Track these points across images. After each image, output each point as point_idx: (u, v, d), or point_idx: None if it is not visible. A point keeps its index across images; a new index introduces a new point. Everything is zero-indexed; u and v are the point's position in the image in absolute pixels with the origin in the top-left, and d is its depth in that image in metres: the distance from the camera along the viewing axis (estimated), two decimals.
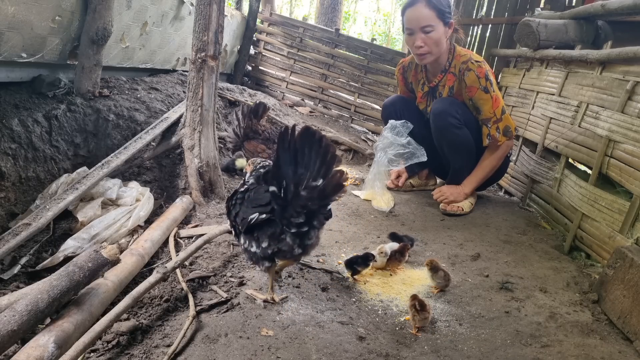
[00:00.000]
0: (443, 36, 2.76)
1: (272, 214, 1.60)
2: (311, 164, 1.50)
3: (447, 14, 2.75)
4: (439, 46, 2.77)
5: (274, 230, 1.61)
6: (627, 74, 2.35)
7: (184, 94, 3.50)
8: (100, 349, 1.59)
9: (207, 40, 2.73)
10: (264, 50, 5.54)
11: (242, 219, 1.66)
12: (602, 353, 1.60)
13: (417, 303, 1.66)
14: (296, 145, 1.50)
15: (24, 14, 2.44)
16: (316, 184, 1.50)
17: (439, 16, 2.71)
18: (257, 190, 1.70)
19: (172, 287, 1.90)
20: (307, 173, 1.51)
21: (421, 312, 1.64)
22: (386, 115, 3.22)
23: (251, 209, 1.64)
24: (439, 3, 2.71)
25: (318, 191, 1.50)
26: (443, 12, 2.72)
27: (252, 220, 1.61)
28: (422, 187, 3.43)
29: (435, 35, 2.73)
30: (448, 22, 2.75)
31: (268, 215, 1.60)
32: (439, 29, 2.73)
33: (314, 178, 1.50)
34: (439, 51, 2.80)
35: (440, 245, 2.44)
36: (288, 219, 1.58)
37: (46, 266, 2.20)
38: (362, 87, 5.22)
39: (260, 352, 1.47)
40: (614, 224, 2.17)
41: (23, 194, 2.50)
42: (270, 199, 1.60)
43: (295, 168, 1.51)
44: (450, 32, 2.79)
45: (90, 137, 2.92)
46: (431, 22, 2.71)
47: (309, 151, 1.50)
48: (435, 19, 2.70)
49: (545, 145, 3.03)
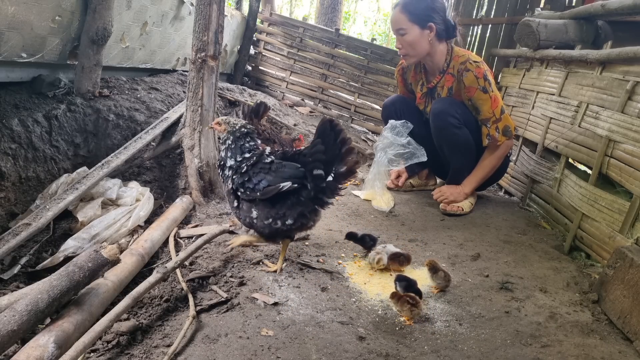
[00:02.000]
0: (419, 38, 2.80)
1: (302, 189, 1.85)
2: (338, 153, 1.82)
3: (425, 17, 2.76)
4: (415, 48, 2.83)
5: (302, 210, 1.87)
6: (627, 74, 2.35)
7: (184, 94, 3.50)
8: (100, 349, 1.59)
9: (207, 40, 2.73)
10: (264, 50, 5.54)
11: (266, 187, 1.84)
12: (602, 353, 1.60)
13: (409, 299, 1.73)
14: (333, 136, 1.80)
15: (24, 14, 2.44)
16: (341, 170, 1.83)
17: (412, 19, 2.77)
18: (285, 166, 1.88)
19: (172, 287, 1.90)
20: (336, 161, 1.83)
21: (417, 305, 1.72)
22: (386, 115, 3.22)
23: (281, 179, 1.84)
24: (413, 7, 2.77)
25: (341, 175, 1.84)
26: (417, 15, 2.76)
27: (283, 188, 1.82)
28: (422, 187, 3.43)
29: (408, 38, 2.80)
30: (426, 25, 2.77)
31: (298, 186, 1.84)
32: (412, 32, 2.78)
33: (339, 165, 1.83)
34: (417, 53, 2.86)
35: (440, 245, 2.44)
36: (321, 199, 1.88)
37: (46, 266, 2.20)
38: (362, 87, 5.22)
39: (260, 352, 1.47)
40: (614, 224, 2.17)
41: (23, 194, 2.50)
42: (304, 175, 1.85)
43: (336, 156, 1.82)
44: (433, 35, 2.79)
45: (90, 137, 2.92)
46: (403, 26, 2.79)
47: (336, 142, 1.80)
48: (407, 22, 2.77)
49: (545, 145, 3.03)
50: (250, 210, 1.91)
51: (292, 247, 2.23)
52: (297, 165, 1.86)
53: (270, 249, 2.19)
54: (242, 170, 1.92)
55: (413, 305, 1.72)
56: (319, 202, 1.89)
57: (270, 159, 1.92)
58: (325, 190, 1.85)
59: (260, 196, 1.86)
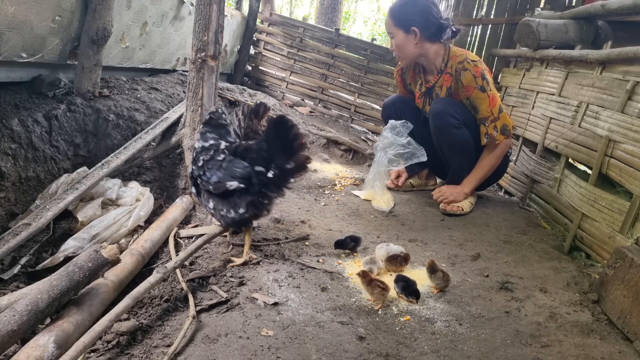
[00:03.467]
0: (405, 42, 2.85)
1: (249, 186, 1.94)
2: (286, 149, 1.89)
3: (407, 21, 2.79)
4: (402, 51, 2.90)
5: (252, 199, 1.96)
6: (627, 74, 2.35)
7: (184, 94, 3.50)
8: (100, 349, 1.59)
9: (207, 40, 2.73)
10: (264, 50, 5.54)
11: (216, 182, 1.96)
12: (602, 353, 1.60)
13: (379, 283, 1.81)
14: (279, 134, 1.88)
15: (24, 14, 2.44)
16: (289, 166, 1.91)
17: (396, 24, 2.84)
18: (234, 163, 1.98)
19: (172, 287, 1.90)
20: (284, 158, 1.90)
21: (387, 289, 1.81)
22: (386, 115, 3.22)
23: (229, 177, 1.95)
24: (397, 12, 2.85)
25: (288, 171, 1.92)
26: (401, 20, 2.82)
27: (230, 187, 1.93)
28: (422, 187, 3.43)
29: (395, 42, 2.90)
30: (410, 30, 2.80)
31: (245, 186, 1.94)
32: (397, 36, 2.86)
33: (286, 160, 1.90)
34: (405, 56, 2.93)
35: (440, 245, 2.44)
36: (265, 193, 1.97)
37: (46, 266, 2.20)
38: (362, 87, 5.22)
39: (260, 352, 1.47)
40: (614, 224, 2.17)
41: (23, 194, 2.50)
42: (250, 174, 1.94)
43: (279, 153, 1.90)
44: (417, 39, 2.80)
45: (90, 137, 2.92)
46: (390, 30, 2.89)
47: (285, 138, 1.88)
48: (393, 26, 2.86)
49: (545, 145, 3.03)
50: (209, 200, 2.05)
51: (292, 247, 2.24)
52: (245, 164, 1.96)
53: (270, 249, 2.19)
54: (199, 163, 2.05)
55: (383, 289, 1.79)
56: (263, 195, 1.99)
57: (222, 156, 2.02)
58: (268, 184, 1.95)
59: (212, 190, 1.99)
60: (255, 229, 2.37)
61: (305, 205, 2.81)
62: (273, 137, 1.91)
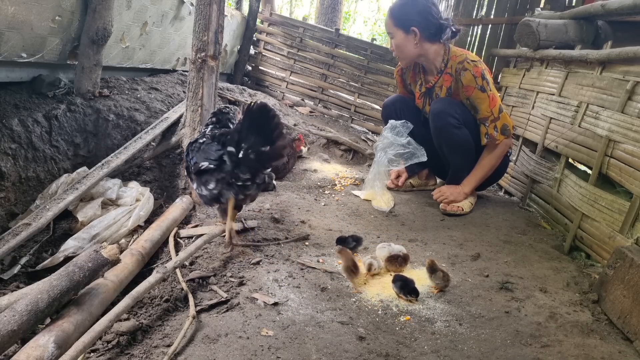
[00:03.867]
0: (404, 42, 2.85)
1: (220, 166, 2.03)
2: (262, 134, 1.94)
3: (407, 22, 2.80)
4: (402, 51, 2.91)
5: (223, 176, 2.03)
6: (627, 74, 2.35)
7: (184, 94, 3.50)
8: (100, 349, 1.59)
9: (207, 40, 2.73)
10: (264, 50, 5.54)
11: (195, 163, 2.09)
12: (602, 353, 1.60)
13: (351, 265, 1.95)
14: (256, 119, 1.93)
15: (24, 14, 2.44)
16: (264, 149, 1.95)
17: (396, 24, 2.85)
18: (210, 146, 2.09)
19: (172, 287, 1.90)
20: (260, 141, 1.94)
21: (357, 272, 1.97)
22: (386, 115, 3.22)
23: (203, 159, 2.06)
24: (397, 12, 2.85)
25: (263, 155, 1.96)
26: (400, 20, 2.83)
27: (202, 167, 2.04)
28: (422, 187, 3.43)
29: (395, 42, 2.91)
30: (409, 30, 2.80)
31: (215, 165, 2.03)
32: (397, 36, 2.87)
33: (262, 145, 1.94)
34: (405, 56, 2.93)
35: (440, 245, 2.44)
36: (237, 174, 2.02)
37: (46, 266, 2.20)
38: (362, 87, 5.22)
39: (260, 352, 1.47)
40: (614, 224, 2.17)
41: (23, 194, 2.50)
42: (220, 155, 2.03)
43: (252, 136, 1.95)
44: (417, 39, 2.80)
45: (90, 137, 2.92)
46: (390, 30, 2.91)
47: (265, 125, 1.94)
48: (393, 27, 2.87)
49: (545, 145, 3.03)
50: (194, 182, 2.17)
51: (292, 247, 2.24)
52: (218, 147, 2.08)
53: (270, 250, 2.19)
54: (189, 149, 2.21)
55: (353, 272, 1.94)
56: (236, 176, 2.04)
57: (203, 139, 2.17)
58: (239, 165, 2.01)
59: (193, 170, 2.13)
60: (255, 229, 2.37)
61: (305, 205, 2.81)
62: (249, 122, 1.96)
